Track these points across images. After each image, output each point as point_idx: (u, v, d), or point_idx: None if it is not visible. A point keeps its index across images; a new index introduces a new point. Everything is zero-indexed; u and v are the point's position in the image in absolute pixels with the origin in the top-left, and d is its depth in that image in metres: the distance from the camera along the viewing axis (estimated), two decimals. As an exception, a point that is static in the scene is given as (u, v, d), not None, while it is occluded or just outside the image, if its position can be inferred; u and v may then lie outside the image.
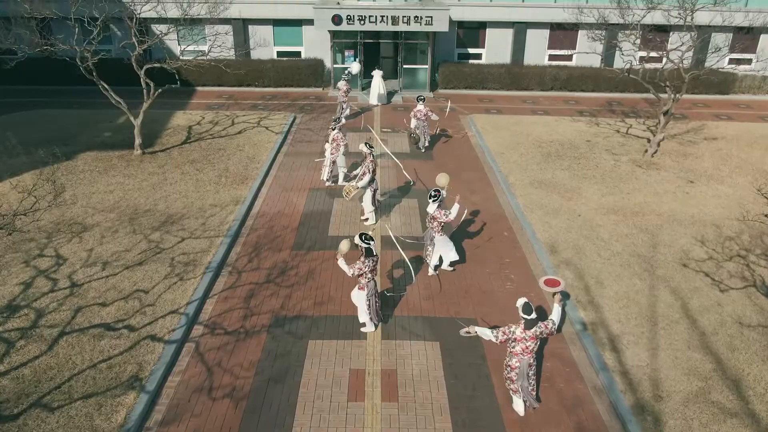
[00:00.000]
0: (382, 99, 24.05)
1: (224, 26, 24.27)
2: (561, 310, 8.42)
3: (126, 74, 19.45)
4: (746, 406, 8.55)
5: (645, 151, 18.46)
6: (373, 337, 9.94)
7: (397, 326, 10.24)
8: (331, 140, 15.44)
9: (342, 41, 25.43)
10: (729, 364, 9.39)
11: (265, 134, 19.74)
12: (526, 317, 7.88)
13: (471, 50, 27.64)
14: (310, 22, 24.85)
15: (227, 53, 21.95)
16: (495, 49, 27.40)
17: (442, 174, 11.96)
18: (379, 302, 10.15)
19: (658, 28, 22.95)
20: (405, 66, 25.85)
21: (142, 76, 17.21)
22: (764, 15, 23.78)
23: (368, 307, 9.74)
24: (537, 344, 8.16)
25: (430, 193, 11.09)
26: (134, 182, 15.70)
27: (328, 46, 25.33)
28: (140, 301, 10.63)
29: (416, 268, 11.89)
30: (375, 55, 26.20)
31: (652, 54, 19.98)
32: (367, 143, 13.48)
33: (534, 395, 8.50)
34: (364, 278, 9.57)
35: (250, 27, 26.55)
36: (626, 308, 10.76)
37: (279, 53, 27.10)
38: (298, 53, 27.13)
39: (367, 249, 9.42)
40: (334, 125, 15.58)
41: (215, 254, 12.22)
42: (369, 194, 13.42)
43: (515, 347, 8.12)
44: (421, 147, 18.72)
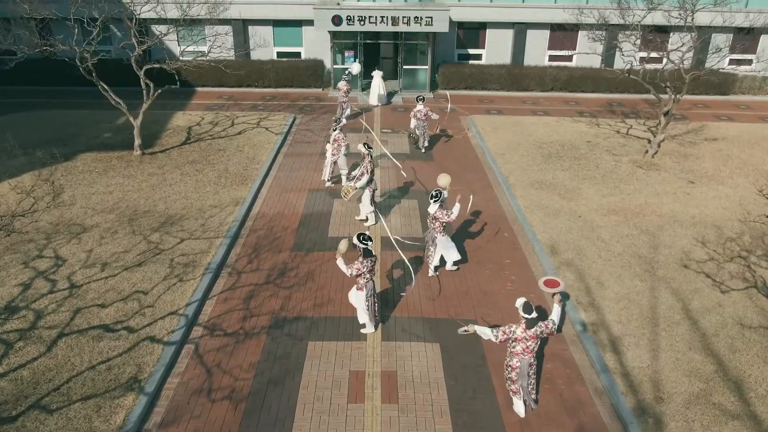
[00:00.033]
0: (382, 99, 24.04)
1: (224, 27, 24.23)
2: (561, 311, 8.39)
3: (125, 75, 19.45)
4: (748, 408, 8.52)
5: (645, 152, 18.43)
6: (373, 339, 9.91)
7: (398, 327, 10.21)
8: (333, 141, 15.45)
9: (342, 42, 25.41)
10: (730, 366, 9.36)
11: (265, 135, 19.71)
12: (527, 316, 7.84)
13: (471, 51, 27.61)
14: (310, 23, 24.84)
15: (227, 54, 21.94)
16: (495, 50, 27.36)
17: (444, 174, 11.94)
18: (378, 303, 10.12)
19: (659, 29, 22.93)
20: (405, 67, 25.83)
21: (142, 77, 17.19)
22: (765, 15, 23.75)
23: (367, 308, 9.72)
24: (537, 344, 8.12)
25: (432, 194, 11.08)
26: (134, 183, 15.67)
27: (328, 47, 25.31)
28: (139, 303, 10.60)
29: (416, 269, 11.88)
30: (375, 56, 26.18)
31: (653, 55, 19.97)
32: (366, 144, 13.48)
33: (533, 396, 8.47)
34: (363, 279, 9.54)
35: (250, 27, 26.51)
36: (627, 309, 10.73)
37: (279, 54, 27.07)
38: (298, 54, 27.10)
39: (365, 249, 9.39)
40: (335, 126, 15.59)
41: (215, 255, 12.19)
42: (368, 194, 13.40)
43: (516, 347, 8.08)
44: (421, 147, 18.69)
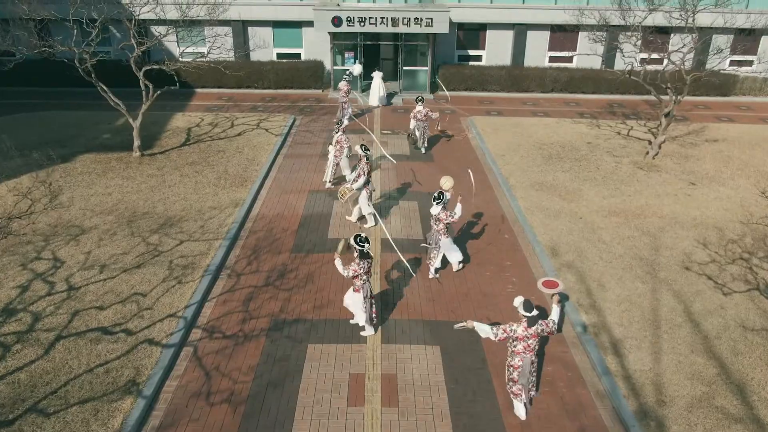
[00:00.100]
0: (382, 101, 24.00)
1: (224, 28, 24.19)
2: (560, 311, 8.35)
3: (125, 76, 19.41)
4: (750, 412, 8.45)
5: (646, 153, 18.38)
6: (373, 342, 9.85)
7: (398, 330, 10.15)
8: (335, 143, 15.43)
9: (342, 43, 25.37)
10: (733, 369, 9.29)
11: (265, 136, 19.66)
12: (528, 315, 7.80)
13: (471, 52, 27.55)
14: (310, 24, 24.80)
15: (226, 55, 21.90)
16: (495, 51, 27.30)
17: (447, 177, 11.91)
18: (376, 305, 10.05)
19: (660, 30, 22.87)
20: (405, 68, 25.79)
21: (141, 78, 17.14)
22: (766, 17, 23.68)
23: (365, 310, 9.65)
24: (538, 342, 8.09)
25: (434, 196, 11.06)
26: (133, 184, 15.62)
27: (328, 48, 25.27)
28: (138, 305, 10.53)
29: (414, 269, 11.83)
30: (375, 57, 26.13)
31: (654, 56, 19.90)
32: (363, 146, 13.45)
33: (531, 393, 8.45)
34: (359, 280, 9.49)
35: (250, 28, 26.46)
36: (628, 311, 10.66)
37: (279, 55, 27.02)
38: (298, 55, 27.04)
39: (362, 251, 9.34)
40: (337, 128, 15.56)
41: (214, 257, 12.13)
42: (365, 196, 13.37)
43: (517, 346, 8.03)
44: (420, 147, 18.65)
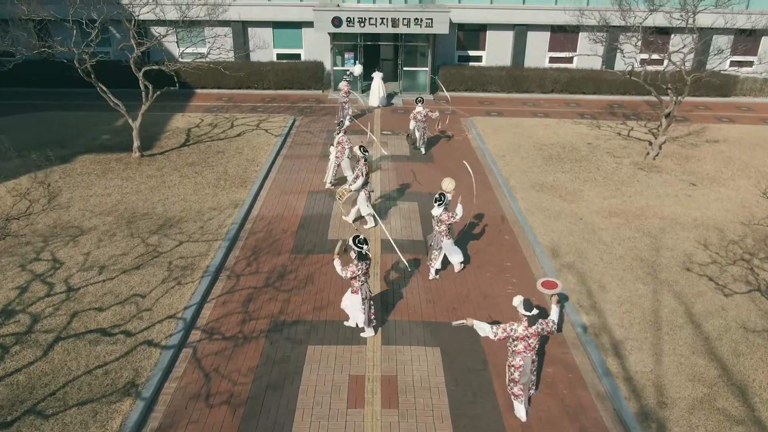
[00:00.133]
0: (382, 101, 23.97)
1: (223, 28, 24.19)
2: (559, 312, 8.32)
3: (124, 76, 19.35)
4: (752, 414, 8.41)
5: (647, 154, 18.35)
6: (373, 343, 9.81)
7: (398, 331, 10.11)
8: (336, 144, 15.41)
9: (342, 44, 25.35)
10: (734, 370, 9.25)
11: (265, 137, 19.63)
12: (528, 314, 7.78)
13: (471, 53, 27.53)
14: (310, 25, 24.77)
15: (226, 55, 21.86)
16: (495, 52, 27.27)
17: (449, 179, 11.91)
18: (374, 307, 10.00)
19: (660, 30, 22.82)
20: (405, 68, 25.76)
21: (141, 79, 17.12)
22: (766, 17, 23.67)
23: (363, 311, 9.61)
24: (538, 341, 8.07)
25: (435, 197, 11.04)
26: (132, 185, 15.58)
27: (328, 49, 25.25)
28: (137, 306, 10.50)
29: (414, 270, 11.80)
30: (375, 58, 26.11)
31: (654, 56, 19.88)
32: (361, 147, 13.45)
33: (531, 392, 8.44)
34: (357, 281, 9.46)
35: (250, 29, 26.44)
36: (629, 313, 10.63)
37: (279, 55, 26.98)
38: (298, 56, 27.01)
39: (360, 253, 9.30)
40: (339, 129, 15.53)
41: (213, 258, 12.10)
42: (363, 197, 13.35)
43: (518, 345, 8.01)
44: (420, 148, 18.63)
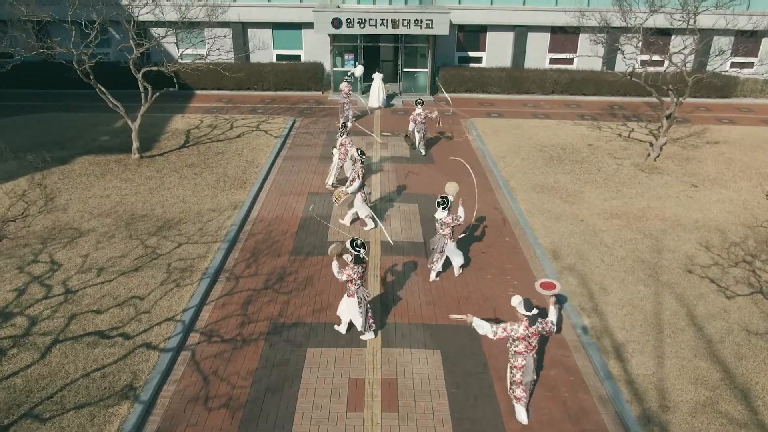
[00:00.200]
0: (382, 102, 23.92)
1: (223, 29, 24.13)
2: (558, 313, 8.28)
3: (124, 78, 19.28)
4: (755, 417, 8.35)
5: (647, 155, 18.30)
6: (373, 346, 9.74)
7: (398, 334, 10.05)
8: (339, 145, 15.37)
9: (342, 45, 25.30)
10: (737, 373, 9.19)
11: (264, 138, 19.57)
12: (528, 314, 7.74)
13: (471, 54, 27.49)
14: (310, 26, 24.73)
15: (226, 57, 21.80)
16: (495, 53, 27.23)
17: (453, 183, 11.92)
18: (372, 310, 9.93)
19: (661, 32, 22.74)
20: (405, 69, 25.72)
21: (140, 80, 17.07)
22: (767, 18, 23.64)
23: (361, 314, 9.54)
24: (538, 340, 8.06)
25: (438, 201, 10.97)
26: (131, 187, 15.52)
27: (328, 50, 25.21)
28: (135, 308, 10.43)
29: (414, 272, 11.73)
30: (375, 59, 26.07)
31: (655, 57, 19.83)
32: (359, 149, 13.44)
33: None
34: (353, 285, 9.40)
35: (250, 30, 26.40)
36: (631, 315, 10.56)
37: (278, 57, 26.94)
38: (298, 57, 26.97)
39: (356, 256, 9.23)
40: (342, 131, 15.48)
41: (213, 260, 12.03)
42: (359, 199, 13.31)
43: (519, 346, 7.96)
44: (420, 149, 18.59)
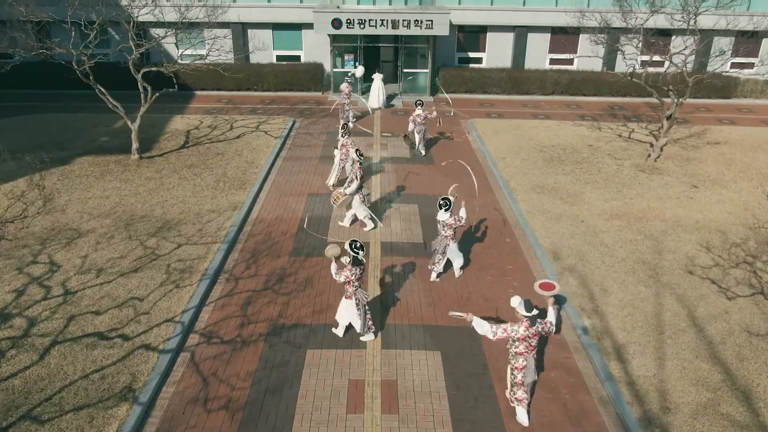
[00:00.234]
0: (382, 103, 23.89)
1: (223, 30, 24.11)
2: (557, 314, 8.25)
3: (123, 78, 19.27)
4: (757, 419, 8.32)
5: (648, 156, 18.27)
6: (373, 347, 9.71)
7: (398, 335, 10.02)
8: (340, 146, 15.35)
9: (342, 45, 25.28)
10: (738, 375, 9.16)
11: (264, 139, 19.54)
12: (529, 315, 7.73)
13: (472, 54, 27.46)
14: (310, 26, 24.70)
15: (226, 57, 21.77)
16: (496, 53, 27.20)
17: (456, 186, 11.94)
18: (370, 312, 9.90)
19: (661, 32, 22.75)
20: (405, 70, 25.70)
21: (140, 80, 17.04)
22: None
23: (359, 316, 9.51)
24: (538, 340, 8.05)
25: (439, 203, 10.96)
26: (131, 187, 15.50)
27: (328, 50, 25.18)
28: (135, 309, 10.40)
29: (413, 273, 11.71)
30: (375, 59, 26.04)
31: (655, 58, 19.81)
32: (357, 150, 13.45)
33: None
34: (351, 286, 9.37)
35: (249, 31, 26.37)
36: (631, 316, 10.53)
37: (278, 57, 26.91)
38: (298, 57, 26.94)
39: (355, 258, 9.20)
40: (343, 131, 15.45)
41: (212, 261, 12.00)
42: (358, 200, 13.31)
43: (519, 347, 7.95)
44: (420, 150, 18.56)
